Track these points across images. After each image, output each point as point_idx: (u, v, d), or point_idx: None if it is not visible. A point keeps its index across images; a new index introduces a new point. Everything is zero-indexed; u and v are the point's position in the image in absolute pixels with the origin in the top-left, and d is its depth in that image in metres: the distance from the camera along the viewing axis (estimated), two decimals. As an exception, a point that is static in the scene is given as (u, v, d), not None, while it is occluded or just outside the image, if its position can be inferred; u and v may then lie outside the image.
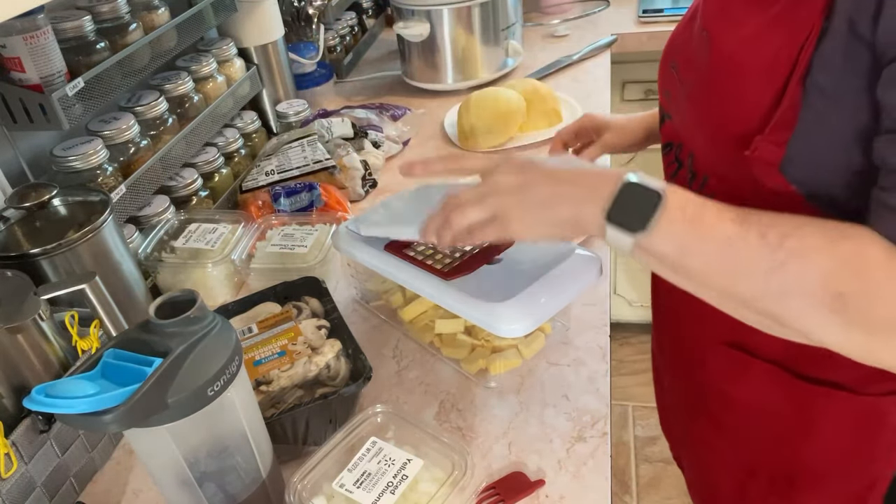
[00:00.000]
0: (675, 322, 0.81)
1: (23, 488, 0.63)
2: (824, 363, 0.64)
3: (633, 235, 0.53)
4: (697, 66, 0.64)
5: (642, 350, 2.15)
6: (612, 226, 0.53)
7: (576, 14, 1.82)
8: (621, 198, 0.53)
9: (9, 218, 0.75)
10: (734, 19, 0.59)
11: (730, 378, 0.72)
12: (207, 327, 0.54)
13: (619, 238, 0.54)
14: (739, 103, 0.57)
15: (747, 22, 0.57)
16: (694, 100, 0.64)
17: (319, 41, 1.55)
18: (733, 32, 0.59)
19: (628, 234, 0.53)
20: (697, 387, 0.78)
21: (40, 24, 0.81)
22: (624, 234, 0.53)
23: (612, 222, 0.53)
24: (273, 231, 1.02)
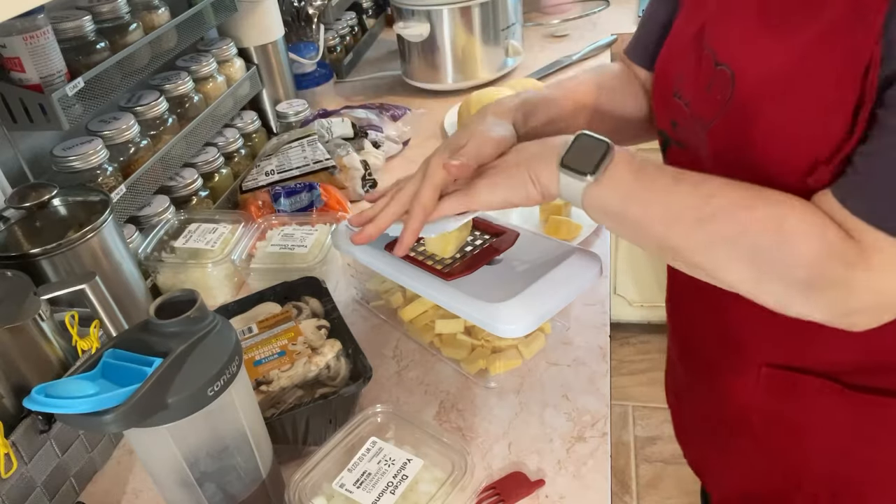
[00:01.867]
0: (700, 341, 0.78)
1: (23, 488, 0.63)
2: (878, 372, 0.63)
3: (584, 179, 0.58)
4: (716, 101, 0.59)
5: (642, 350, 2.15)
6: (565, 171, 0.59)
7: (576, 14, 1.82)
8: (574, 146, 0.60)
9: (9, 218, 0.75)
10: (759, 51, 0.56)
11: (776, 397, 0.70)
12: (207, 327, 0.54)
13: (571, 185, 0.59)
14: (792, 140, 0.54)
15: (775, 53, 0.54)
16: (718, 135, 0.61)
17: (319, 41, 1.55)
18: (763, 65, 0.55)
19: (579, 178, 0.59)
20: (734, 406, 0.75)
21: (40, 24, 0.81)
22: (575, 180, 0.59)
23: (565, 168, 0.59)
24: (273, 231, 1.02)
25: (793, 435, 0.71)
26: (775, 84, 0.54)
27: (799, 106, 0.53)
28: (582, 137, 0.60)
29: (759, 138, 0.56)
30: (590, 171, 0.58)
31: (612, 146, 0.59)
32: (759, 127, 0.56)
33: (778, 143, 0.55)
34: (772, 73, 0.54)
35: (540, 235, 0.81)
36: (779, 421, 0.71)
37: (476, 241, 0.78)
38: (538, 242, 0.78)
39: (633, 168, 0.58)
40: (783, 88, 0.54)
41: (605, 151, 0.58)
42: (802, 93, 0.52)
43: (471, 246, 0.77)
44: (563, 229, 0.98)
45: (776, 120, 0.54)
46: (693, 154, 0.66)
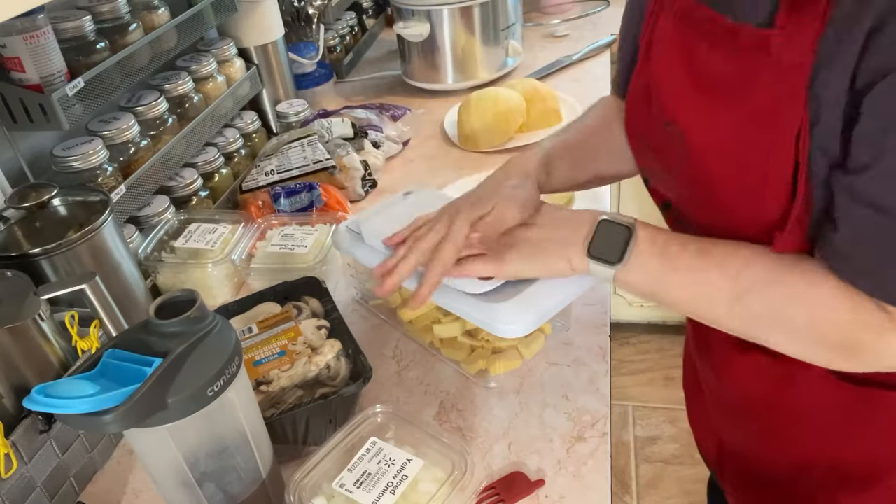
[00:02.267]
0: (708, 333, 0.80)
1: (23, 488, 0.63)
2: None
3: (613, 268, 0.60)
4: (675, 159, 0.61)
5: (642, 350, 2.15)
6: (594, 261, 0.62)
7: (576, 14, 1.82)
8: (598, 235, 0.62)
9: (9, 218, 0.75)
10: (699, 114, 0.57)
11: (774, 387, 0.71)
12: (207, 327, 0.54)
13: (602, 271, 0.62)
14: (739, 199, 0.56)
15: (719, 119, 0.55)
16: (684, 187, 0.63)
17: (319, 41, 1.55)
18: (707, 128, 0.57)
19: (608, 267, 0.61)
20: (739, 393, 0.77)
21: (40, 24, 0.81)
22: (605, 268, 0.61)
23: (593, 258, 0.62)
24: (273, 231, 1.02)
25: (792, 422, 0.73)
26: (720, 146, 0.56)
27: (742, 169, 0.55)
28: (604, 225, 0.62)
29: (717, 197, 0.58)
30: (616, 259, 0.60)
31: (634, 230, 0.60)
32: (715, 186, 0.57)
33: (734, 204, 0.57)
34: (715, 136, 0.56)
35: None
36: (778, 408, 0.73)
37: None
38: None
39: (656, 251, 0.59)
40: (727, 151, 0.55)
41: (628, 238, 0.60)
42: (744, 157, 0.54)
43: None
44: None
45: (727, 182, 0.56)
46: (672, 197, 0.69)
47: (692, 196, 0.63)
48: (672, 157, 0.62)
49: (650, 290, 0.60)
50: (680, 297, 0.59)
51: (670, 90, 0.61)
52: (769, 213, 0.54)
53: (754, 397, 0.74)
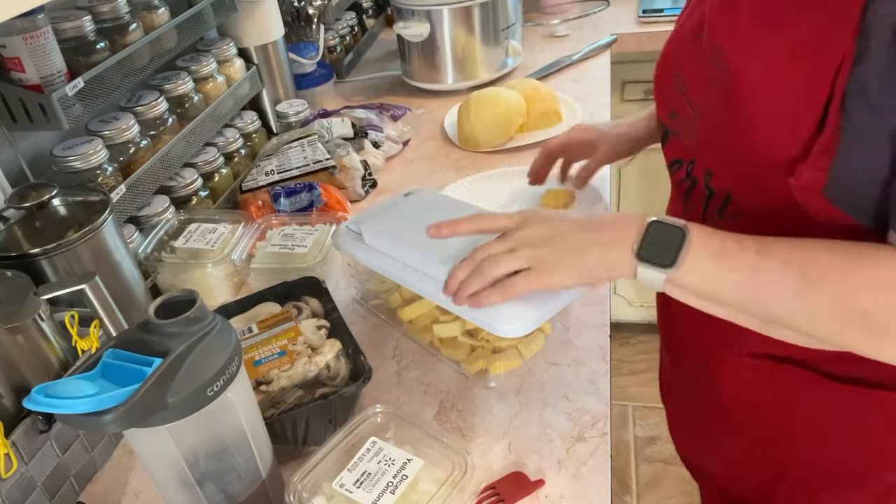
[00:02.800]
0: (688, 333, 0.79)
1: (23, 488, 0.63)
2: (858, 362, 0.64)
3: (665, 271, 0.56)
4: (713, 88, 0.60)
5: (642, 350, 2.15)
6: (644, 264, 0.57)
7: (576, 14, 1.82)
8: (648, 237, 0.58)
9: (9, 218, 0.75)
10: (749, 42, 0.56)
11: (756, 385, 0.71)
12: (207, 327, 0.54)
13: (652, 275, 0.57)
14: (771, 131, 0.55)
15: (764, 45, 0.55)
16: (711, 122, 0.62)
17: (319, 41, 1.55)
18: (753, 56, 0.56)
19: (660, 270, 0.57)
20: (717, 394, 0.76)
21: (40, 24, 0.81)
22: (656, 272, 0.57)
23: (643, 261, 0.57)
24: (273, 231, 1.02)
25: (773, 424, 0.73)
26: (763, 76, 0.55)
27: (779, 99, 0.53)
28: (655, 226, 0.58)
29: (746, 131, 0.57)
30: (669, 262, 0.56)
31: (687, 231, 0.57)
32: (747, 119, 0.56)
33: (760, 135, 0.55)
34: (761, 65, 0.55)
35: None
36: (759, 410, 0.73)
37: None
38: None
39: (712, 250, 0.56)
40: (769, 81, 0.54)
41: (682, 238, 0.56)
42: (782, 86, 0.53)
43: None
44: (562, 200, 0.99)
45: (761, 112, 0.55)
46: (686, 143, 0.68)
47: (716, 131, 0.61)
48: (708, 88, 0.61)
49: (707, 292, 0.57)
50: (740, 299, 0.56)
51: (728, 21, 0.59)
52: (794, 145, 0.52)
53: (736, 401, 0.74)
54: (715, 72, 0.60)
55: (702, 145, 0.65)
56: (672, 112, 0.69)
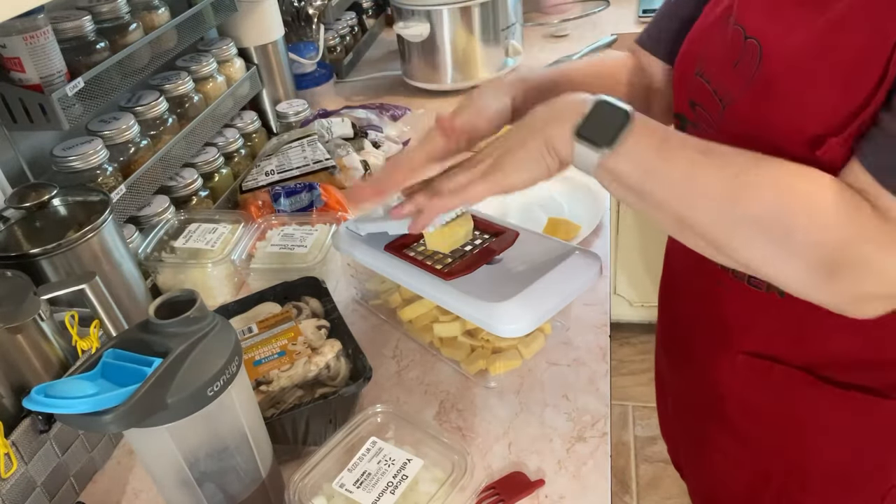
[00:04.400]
0: (686, 330, 0.79)
1: (23, 488, 0.63)
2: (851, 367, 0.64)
3: (600, 150, 0.54)
4: (742, 74, 0.58)
5: (642, 350, 2.15)
6: (580, 141, 0.55)
7: (576, 14, 1.82)
8: (592, 115, 0.55)
9: (9, 218, 0.75)
10: (786, 24, 0.55)
11: (750, 384, 0.71)
12: (207, 327, 0.54)
13: (586, 155, 0.55)
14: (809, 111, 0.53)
15: (802, 26, 0.54)
16: (739, 110, 0.60)
17: (319, 41, 1.55)
18: (790, 38, 0.54)
19: (595, 149, 0.54)
20: (711, 393, 0.76)
21: (40, 24, 0.81)
22: (590, 150, 0.55)
23: (580, 138, 0.55)
24: (273, 231, 1.02)
25: (765, 424, 0.73)
26: (801, 54, 0.53)
27: (821, 75, 0.52)
28: (601, 104, 0.55)
29: (777, 112, 0.55)
30: (606, 143, 0.54)
31: (631, 115, 0.54)
32: (777, 98, 0.54)
33: (795, 113, 0.53)
34: (799, 45, 0.53)
35: (540, 235, 0.81)
36: (752, 409, 0.73)
37: (476, 241, 0.78)
38: (538, 242, 0.78)
39: (654, 140, 0.54)
40: (808, 58, 0.53)
41: (625, 121, 0.54)
42: (826, 62, 0.51)
43: (470, 245, 0.77)
44: (562, 229, 0.98)
45: (798, 93, 0.53)
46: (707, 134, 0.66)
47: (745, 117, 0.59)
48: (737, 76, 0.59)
49: (638, 181, 0.54)
50: (670, 195, 0.54)
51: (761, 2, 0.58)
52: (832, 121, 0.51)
53: (729, 399, 0.74)
54: (746, 56, 0.58)
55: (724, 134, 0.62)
56: (692, 101, 0.68)
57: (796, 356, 0.66)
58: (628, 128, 0.54)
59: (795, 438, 0.71)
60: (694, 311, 0.76)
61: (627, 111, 0.55)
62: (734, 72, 0.60)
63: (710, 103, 0.64)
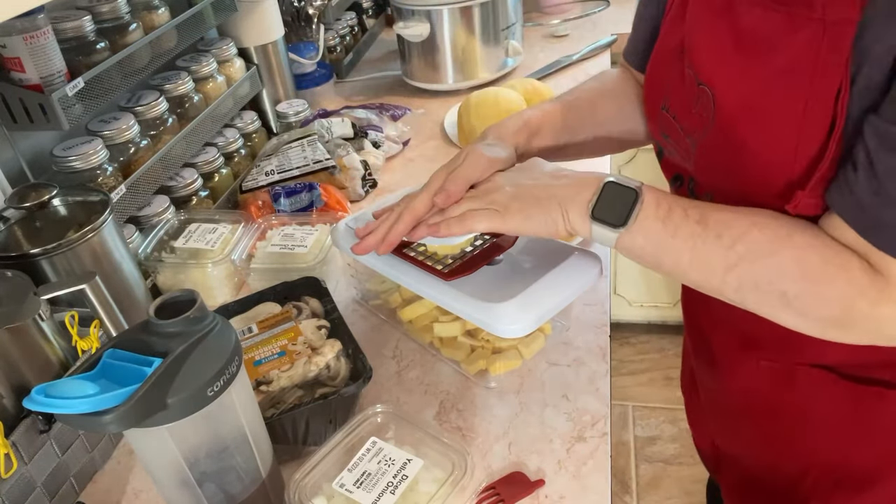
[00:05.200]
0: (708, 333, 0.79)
1: (23, 488, 0.63)
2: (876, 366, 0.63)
3: (616, 231, 0.59)
4: (701, 118, 0.60)
5: (642, 350, 2.15)
6: (597, 223, 0.60)
7: (576, 14, 1.82)
8: (603, 197, 0.60)
9: (9, 218, 0.75)
10: (733, 73, 0.56)
11: (775, 387, 0.71)
12: (207, 327, 0.54)
13: (604, 234, 0.60)
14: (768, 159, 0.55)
15: (749, 76, 0.55)
16: (706, 150, 0.62)
17: (319, 41, 1.55)
18: (739, 88, 0.56)
19: (611, 230, 0.59)
20: (740, 396, 0.76)
21: (40, 24, 0.81)
22: (607, 231, 0.59)
23: (596, 220, 0.60)
24: (273, 231, 1.02)
25: (793, 422, 0.72)
26: (751, 105, 0.55)
27: (773, 128, 0.54)
28: (610, 186, 0.60)
29: (740, 158, 0.57)
30: (621, 223, 0.58)
31: (640, 193, 0.59)
32: (740, 147, 0.56)
33: (757, 164, 0.56)
34: (748, 94, 0.55)
35: (540, 235, 0.81)
36: (779, 409, 0.72)
37: (476, 241, 0.78)
38: (538, 242, 0.78)
39: (661, 215, 0.58)
40: (759, 110, 0.54)
41: (634, 200, 0.59)
42: (776, 115, 0.53)
43: (471, 246, 0.77)
44: None
45: (754, 141, 0.55)
46: (684, 165, 0.67)
47: (712, 160, 0.62)
48: (698, 118, 0.61)
49: (652, 255, 0.59)
50: (680, 265, 0.58)
51: (706, 47, 0.59)
52: (793, 173, 0.53)
53: (755, 399, 0.74)
54: (701, 102, 0.60)
55: (698, 170, 0.65)
56: (664, 133, 0.69)
57: (819, 359, 0.66)
58: (638, 205, 0.58)
59: (826, 438, 0.70)
60: (711, 317, 0.76)
61: (635, 189, 0.59)
62: (694, 115, 0.62)
63: (679, 139, 0.66)
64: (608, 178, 0.61)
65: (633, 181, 0.60)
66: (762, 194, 0.56)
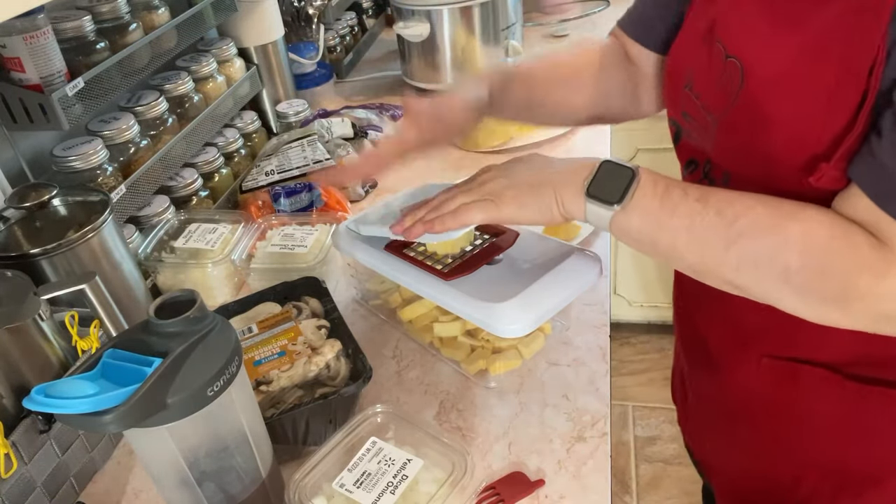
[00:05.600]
0: (703, 331, 0.78)
1: (23, 488, 0.63)
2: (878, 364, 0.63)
3: (611, 208, 0.58)
4: (727, 93, 0.59)
5: (642, 350, 2.15)
6: (591, 200, 0.59)
7: (576, 14, 1.82)
8: (599, 175, 0.59)
9: (9, 218, 0.75)
10: (763, 45, 0.56)
11: (777, 387, 0.70)
12: (207, 327, 0.54)
13: (599, 213, 0.59)
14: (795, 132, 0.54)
15: (778, 48, 0.54)
16: (728, 127, 0.61)
17: (319, 41, 1.55)
18: (768, 60, 0.55)
19: (606, 207, 0.58)
20: (737, 396, 0.76)
21: (40, 24, 0.81)
22: (602, 209, 0.59)
23: (591, 197, 0.59)
24: (273, 231, 1.02)
25: (794, 424, 0.72)
26: (781, 77, 0.54)
27: (802, 100, 0.52)
28: (606, 165, 0.60)
29: (765, 132, 0.56)
30: (616, 200, 0.58)
31: (636, 172, 0.58)
32: (765, 120, 0.55)
33: (782, 137, 0.55)
34: (778, 66, 0.54)
35: (540, 235, 0.81)
36: (780, 410, 0.72)
37: (476, 241, 0.78)
38: (538, 242, 0.78)
39: (657, 193, 0.57)
40: (788, 82, 0.53)
41: (631, 178, 0.58)
42: (806, 87, 0.52)
43: (471, 246, 0.77)
44: (562, 229, 0.98)
45: (782, 113, 0.54)
46: (701, 145, 0.67)
47: (734, 136, 0.61)
48: (722, 93, 0.60)
49: (648, 235, 0.58)
50: (677, 244, 0.57)
51: (738, 19, 0.59)
52: (819, 146, 0.52)
53: (755, 399, 0.74)
54: (728, 76, 0.59)
55: (717, 149, 0.64)
56: (685, 112, 0.69)
57: (820, 356, 0.66)
58: (634, 184, 0.58)
59: (827, 439, 0.70)
60: (709, 314, 0.75)
61: (632, 168, 0.58)
62: (719, 90, 0.61)
63: (700, 117, 0.65)
64: (605, 159, 0.60)
65: (628, 162, 0.59)
66: (785, 167, 0.55)
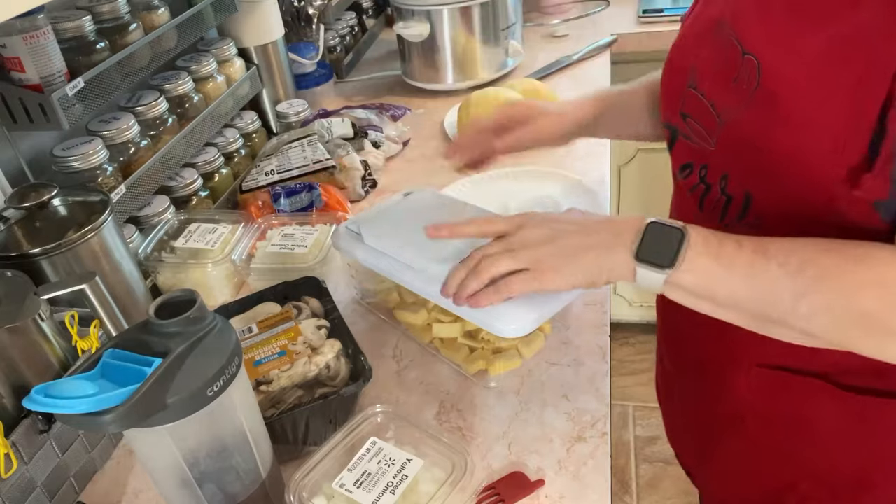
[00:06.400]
0: (690, 339, 0.78)
1: (23, 488, 0.63)
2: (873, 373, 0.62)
3: (664, 272, 0.56)
4: (741, 92, 0.57)
5: (642, 350, 2.15)
6: (643, 265, 0.57)
7: (576, 14, 1.82)
8: (647, 238, 0.58)
9: (9, 218, 0.75)
10: (784, 40, 0.53)
11: (769, 396, 0.70)
12: (207, 327, 0.54)
13: (650, 277, 0.57)
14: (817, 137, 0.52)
15: (803, 44, 0.52)
16: (736, 126, 0.59)
17: (319, 41, 1.55)
18: (791, 57, 0.53)
19: (659, 271, 0.56)
20: (726, 405, 0.75)
21: (40, 24, 0.81)
22: (654, 273, 0.57)
23: (642, 262, 0.57)
24: (273, 231, 1.02)
25: (787, 434, 0.71)
26: (801, 77, 0.52)
27: (826, 103, 0.51)
28: (653, 226, 0.58)
29: (782, 132, 0.54)
30: (668, 263, 0.56)
31: (686, 232, 0.56)
32: (782, 120, 0.54)
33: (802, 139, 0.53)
34: (800, 64, 0.52)
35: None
36: (772, 420, 0.71)
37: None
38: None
39: (711, 251, 0.56)
40: (808, 82, 0.52)
41: (681, 239, 0.56)
42: (828, 87, 0.51)
43: None
44: None
45: (800, 114, 0.52)
46: (700, 148, 0.65)
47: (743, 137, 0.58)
48: (736, 91, 0.58)
49: (705, 291, 0.56)
50: (740, 297, 0.55)
51: (756, 14, 0.57)
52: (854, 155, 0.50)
53: (746, 409, 0.73)
54: (745, 74, 0.57)
55: (720, 148, 0.62)
56: (685, 113, 0.67)
57: (812, 365, 0.65)
58: (685, 244, 0.56)
59: (819, 447, 0.69)
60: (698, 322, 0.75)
61: (680, 228, 0.57)
62: (733, 88, 0.59)
63: (705, 118, 0.63)
64: (650, 219, 0.58)
65: (675, 221, 0.58)
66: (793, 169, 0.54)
